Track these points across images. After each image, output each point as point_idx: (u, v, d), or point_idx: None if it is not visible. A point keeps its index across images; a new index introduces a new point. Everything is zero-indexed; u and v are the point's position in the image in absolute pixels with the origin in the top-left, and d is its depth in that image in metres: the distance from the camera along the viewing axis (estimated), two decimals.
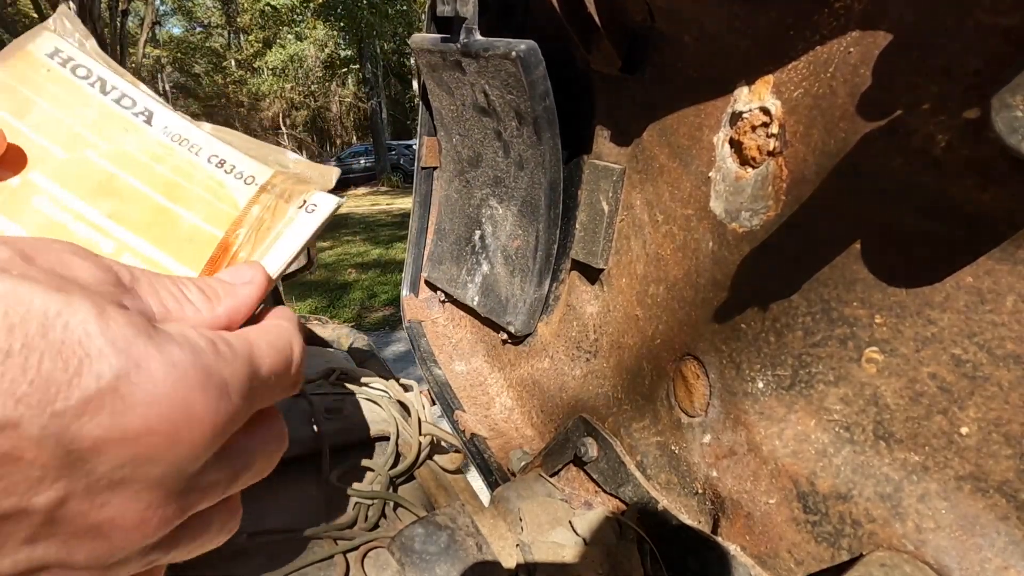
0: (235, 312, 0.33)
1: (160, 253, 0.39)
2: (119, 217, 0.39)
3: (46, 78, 0.42)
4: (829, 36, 0.44)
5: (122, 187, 0.40)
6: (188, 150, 0.42)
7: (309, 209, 0.41)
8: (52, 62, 0.42)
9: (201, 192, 0.41)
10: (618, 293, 0.70)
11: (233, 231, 0.40)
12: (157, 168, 0.41)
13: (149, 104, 0.43)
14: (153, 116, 0.43)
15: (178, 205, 0.40)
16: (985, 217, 0.37)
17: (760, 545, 0.51)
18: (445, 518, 0.62)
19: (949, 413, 0.41)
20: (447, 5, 0.72)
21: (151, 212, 0.40)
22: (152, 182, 0.41)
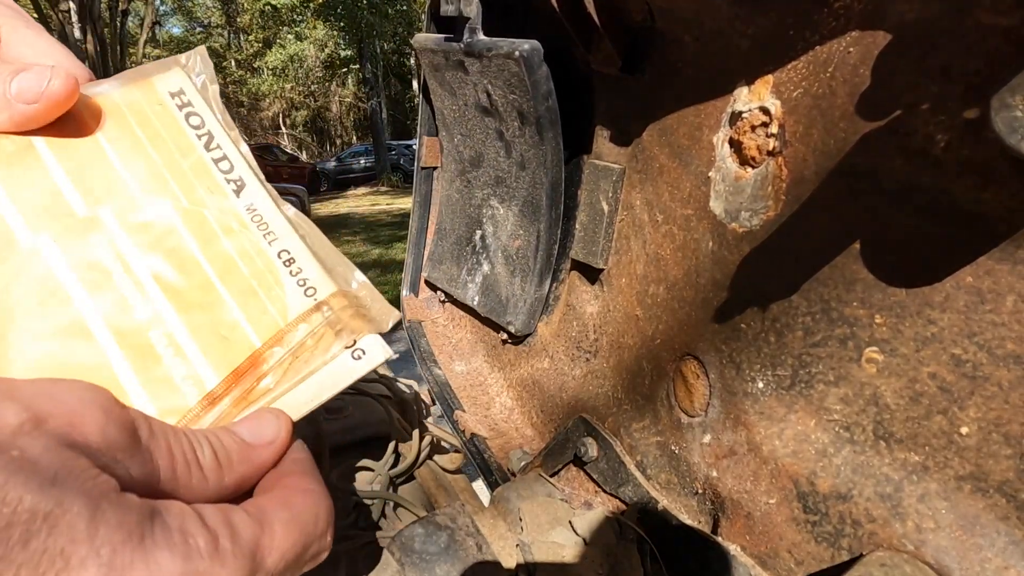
0: (246, 481, 0.31)
1: (191, 342, 0.34)
2: (165, 284, 0.35)
3: (155, 113, 0.38)
4: (829, 36, 0.44)
5: (181, 250, 0.36)
6: (263, 235, 0.38)
7: (356, 355, 0.36)
8: (170, 100, 0.39)
9: (255, 285, 0.37)
10: (618, 293, 0.70)
11: (270, 347, 0.36)
12: (224, 242, 0.37)
13: (244, 173, 0.39)
14: (244, 188, 0.39)
15: (227, 291, 0.36)
16: (985, 217, 0.37)
17: (760, 545, 0.51)
18: (445, 518, 0.62)
19: (949, 413, 0.41)
20: (451, 5, 0.72)
21: (199, 289, 0.36)
22: (212, 256, 0.37)
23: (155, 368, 0.33)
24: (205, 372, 0.34)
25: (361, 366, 0.36)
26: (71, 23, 12.01)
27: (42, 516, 0.21)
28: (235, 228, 0.38)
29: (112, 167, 0.36)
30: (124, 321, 0.33)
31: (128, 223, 0.35)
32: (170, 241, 0.36)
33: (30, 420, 0.23)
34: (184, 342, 0.34)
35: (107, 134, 0.36)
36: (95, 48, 11.90)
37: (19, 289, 0.32)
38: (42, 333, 0.32)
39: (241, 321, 0.36)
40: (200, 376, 0.34)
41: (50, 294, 0.33)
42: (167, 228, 0.36)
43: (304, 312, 0.37)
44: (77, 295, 0.33)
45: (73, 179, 0.35)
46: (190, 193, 0.37)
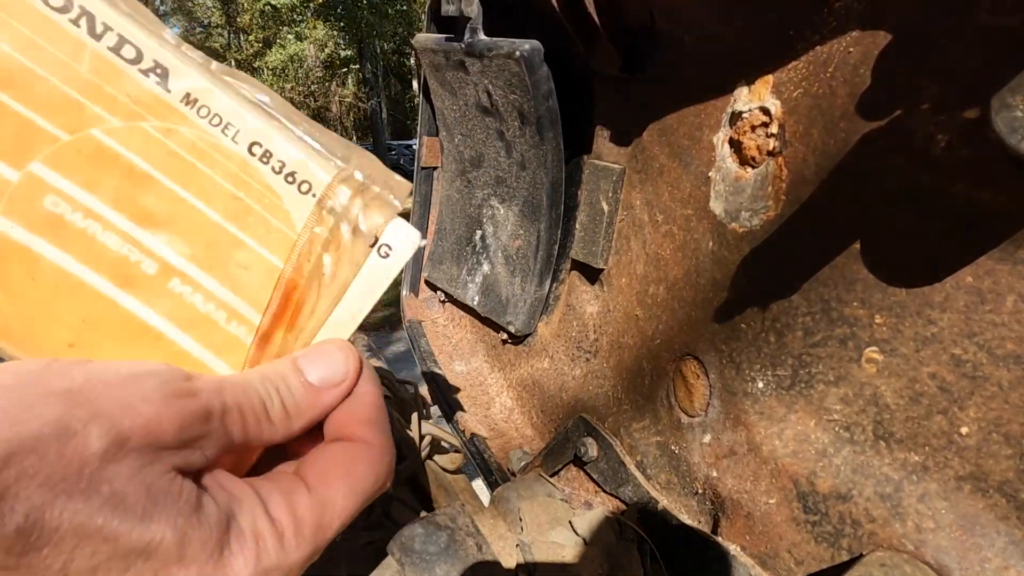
0: (314, 423, 0.32)
1: (218, 285, 0.31)
2: (156, 227, 0.30)
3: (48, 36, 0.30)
4: (829, 36, 0.44)
5: (152, 184, 0.30)
6: (223, 132, 0.31)
7: (383, 252, 0.33)
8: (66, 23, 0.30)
9: (243, 197, 0.32)
10: (618, 293, 0.70)
11: (298, 272, 0.32)
12: (188, 158, 0.31)
13: (159, 55, 0.30)
14: (168, 75, 0.31)
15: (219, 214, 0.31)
16: (985, 217, 0.37)
17: (760, 545, 0.51)
18: (445, 518, 0.62)
19: (949, 413, 0.41)
20: (452, 5, 0.72)
21: (194, 224, 0.31)
22: (185, 180, 0.31)
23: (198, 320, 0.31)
24: (243, 308, 0.32)
25: (393, 263, 0.34)
26: None
27: (137, 552, 0.23)
28: (187, 135, 0.31)
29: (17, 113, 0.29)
30: (132, 279, 0.30)
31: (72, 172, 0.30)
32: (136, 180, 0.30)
33: (114, 443, 0.24)
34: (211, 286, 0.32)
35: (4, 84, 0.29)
36: None
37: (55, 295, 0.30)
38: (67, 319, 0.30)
39: (256, 248, 0.32)
40: (241, 313, 0.32)
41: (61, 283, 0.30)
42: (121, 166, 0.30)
43: (311, 216, 0.32)
44: (68, 265, 0.30)
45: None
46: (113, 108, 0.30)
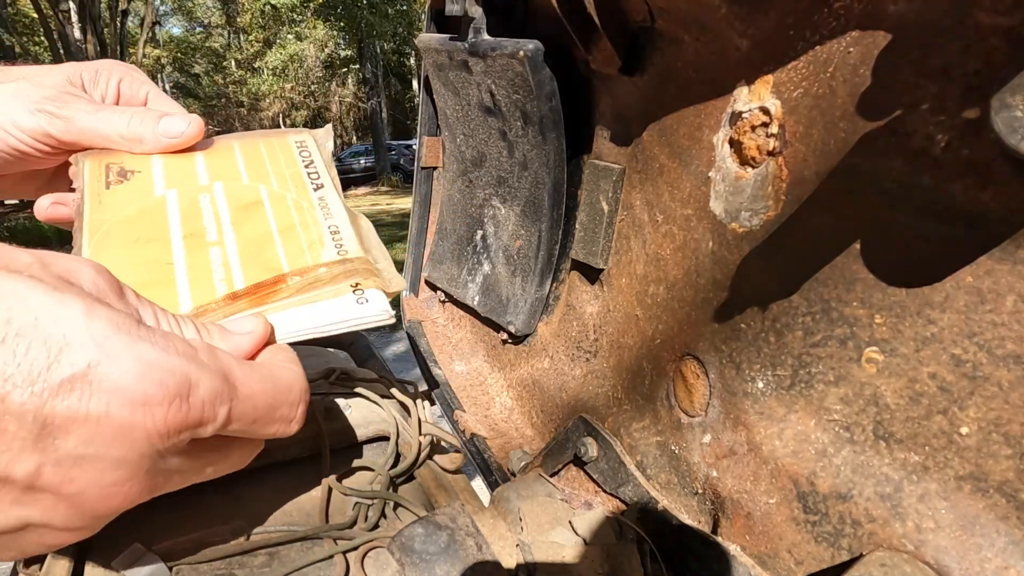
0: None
1: (237, 260, 0.45)
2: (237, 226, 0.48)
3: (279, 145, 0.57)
4: (829, 36, 0.44)
5: (258, 210, 0.50)
6: (323, 215, 0.51)
7: (360, 300, 0.44)
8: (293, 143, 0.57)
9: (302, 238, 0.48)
10: (618, 293, 0.70)
11: (294, 275, 0.45)
12: (291, 212, 0.50)
13: (327, 182, 0.54)
14: (322, 188, 0.53)
15: (280, 238, 0.48)
16: (985, 217, 0.37)
17: (760, 545, 0.51)
18: (445, 518, 0.62)
19: (949, 413, 0.41)
20: (456, 4, 0.72)
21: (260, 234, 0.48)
22: (279, 218, 0.50)
23: (203, 272, 0.43)
24: (237, 278, 0.44)
25: (362, 311, 0.44)
26: (71, 23, 12.00)
27: (48, 307, 0.27)
28: (303, 206, 0.51)
29: (235, 164, 0.53)
30: (196, 239, 0.46)
31: (229, 190, 0.50)
32: (253, 205, 0.50)
33: (38, 262, 0.29)
34: (232, 260, 0.45)
35: (242, 150, 0.55)
36: (95, 48, 11.89)
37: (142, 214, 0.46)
38: (141, 239, 0.45)
39: (280, 254, 0.46)
40: (232, 280, 0.44)
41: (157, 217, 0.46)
42: (254, 197, 0.51)
43: (331, 261, 0.47)
44: (173, 220, 0.46)
45: (208, 165, 0.51)
46: (282, 184, 0.53)
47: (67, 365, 0.27)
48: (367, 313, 0.43)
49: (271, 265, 0.45)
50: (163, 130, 0.49)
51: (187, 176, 0.50)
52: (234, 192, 0.50)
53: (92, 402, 0.27)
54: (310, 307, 0.43)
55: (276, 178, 0.53)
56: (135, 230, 0.45)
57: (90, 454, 0.28)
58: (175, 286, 0.42)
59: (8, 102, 0.44)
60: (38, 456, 0.27)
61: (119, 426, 0.28)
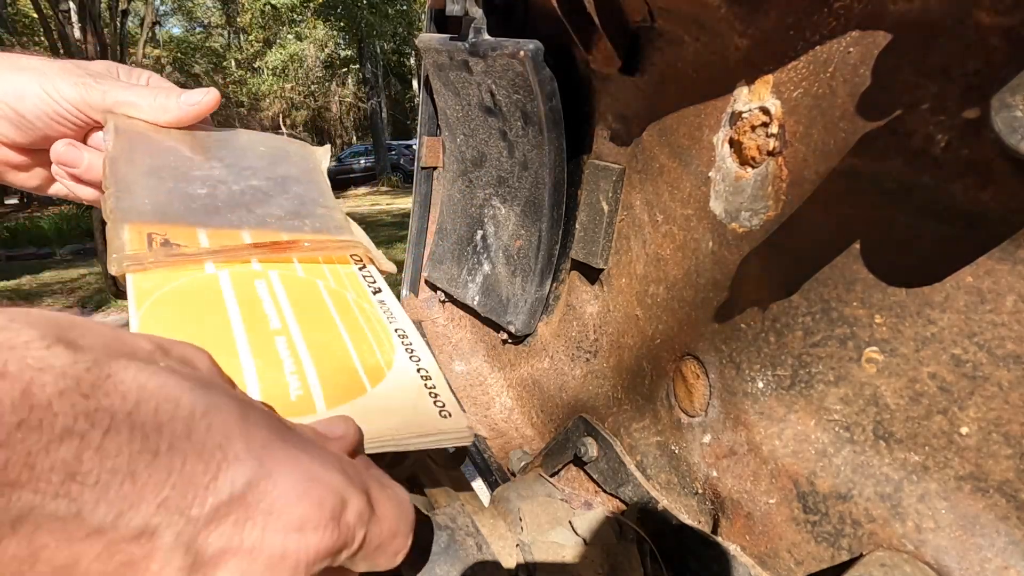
0: None
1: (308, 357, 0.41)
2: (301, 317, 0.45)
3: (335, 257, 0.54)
4: (829, 36, 0.44)
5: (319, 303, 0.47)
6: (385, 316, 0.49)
7: (443, 414, 0.42)
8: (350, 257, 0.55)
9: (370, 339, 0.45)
10: (618, 293, 0.70)
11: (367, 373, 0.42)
12: (354, 311, 0.48)
13: (384, 287, 0.52)
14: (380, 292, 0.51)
15: (348, 336, 0.45)
16: (985, 217, 0.37)
17: (760, 545, 0.51)
18: (445, 518, 0.62)
19: (949, 413, 0.41)
20: (456, 4, 0.72)
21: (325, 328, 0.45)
22: (343, 315, 0.47)
23: (272, 362, 0.40)
24: (310, 373, 0.40)
25: (445, 426, 0.39)
26: (71, 23, 11.99)
27: (200, 413, 0.23)
28: (365, 307, 0.49)
29: (289, 258, 0.50)
30: (257, 325, 0.42)
31: (286, 280, 0.48)
32: (314, 298, 0.47)
33: (159, 349, 0.26)
34: (301, 351, 0.41)
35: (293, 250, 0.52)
36: (95, 48, 11.89)
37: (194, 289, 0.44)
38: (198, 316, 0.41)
39: (352, 353, 0.43)
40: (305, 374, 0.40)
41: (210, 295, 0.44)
42: (314, 291, 0.48)
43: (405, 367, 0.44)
44: (229, 301, 0.43)
45: (258, 255, 0.49)
46: (338, 282, 0.50)
47: (225, 485, 0.23)
48: (449, 429, 0.39)
49: (345, 364, 0.42)
50: (184, 99, 0.53)
51: (238, 258, 0.48)
52: (291, 282, 0.47)
53: (248, 531, 0.23)
54: (391, 415, 0.38)
55: (331, 275, 0.50)
56: (189, 305, 0.42)
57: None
58: (242, 374, 0.38)
59: (56, 75, 0.50)
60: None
61: (271, 556, 0.24)
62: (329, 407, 0.38)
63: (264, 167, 0.57)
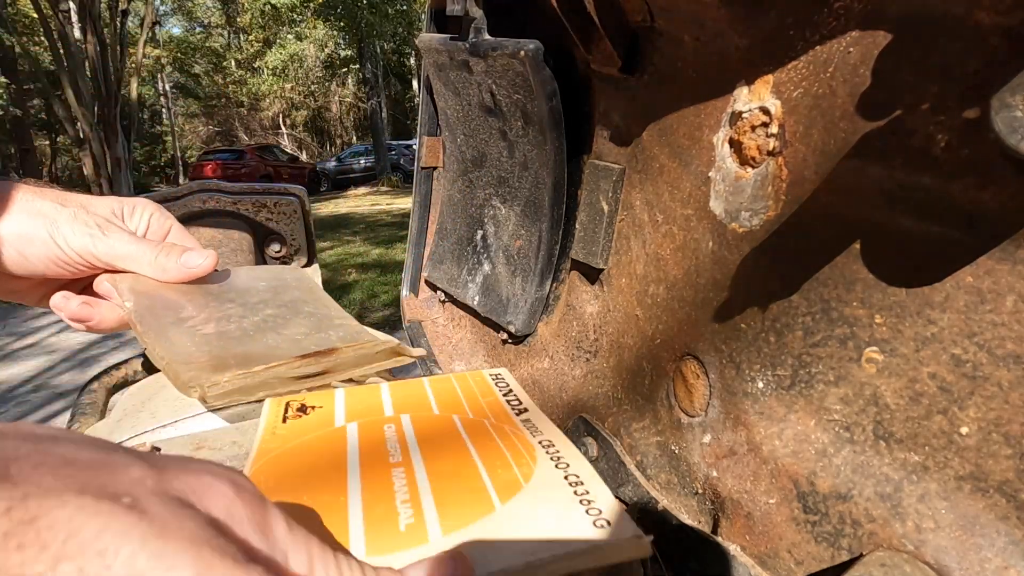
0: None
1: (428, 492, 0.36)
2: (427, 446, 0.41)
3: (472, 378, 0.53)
4: (829, 36, 0.44)
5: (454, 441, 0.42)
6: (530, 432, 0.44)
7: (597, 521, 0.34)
8: (489, 376, 0.53)
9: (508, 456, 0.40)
10: (618, 293, 0.70)
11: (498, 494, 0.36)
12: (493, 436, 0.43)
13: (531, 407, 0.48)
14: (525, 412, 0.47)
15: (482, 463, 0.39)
16: (985, 217, 0.37)
17: (760, 545, 0.51)
18: None
19: (949, 413, 0.41)
20: (457, 4, 0.72)
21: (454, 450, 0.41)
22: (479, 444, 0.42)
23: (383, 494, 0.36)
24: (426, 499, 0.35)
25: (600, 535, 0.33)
26: (71, 23, 12.00)
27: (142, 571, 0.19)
28: (505, 428, 0.44)
29: (424, 396, 0.49)
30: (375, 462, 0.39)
31: (417, 420, 0.45)
32: (445, 429, 0.44)
33: (152, 477, 0.21)
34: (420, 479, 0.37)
35: (431, 384, 0.51)
36: (95, 48, 11.89)
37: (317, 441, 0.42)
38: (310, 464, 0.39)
39: (483, 474, 0.38)
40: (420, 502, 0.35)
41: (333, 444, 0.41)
42: (447, 425, 0.45)
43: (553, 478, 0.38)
44: (351, 447, 0.41)
45: (394, 399, 0.48)
46: (477, 411, 0.47)
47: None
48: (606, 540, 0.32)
49: (471, 484, 0.37)
50: (184, 262, 0.56)
51: (371, 409, 0.47)
52: (423, 422, 0.45)
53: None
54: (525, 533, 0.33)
55: (471, 407, 0.48)
56: (307, 456, 0.40)
57: None
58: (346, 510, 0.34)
59: (66, 223, 0.52)
60: None
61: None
62: (446, 533, 0.33)
63: (271, 297, 0.59)
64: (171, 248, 0.57)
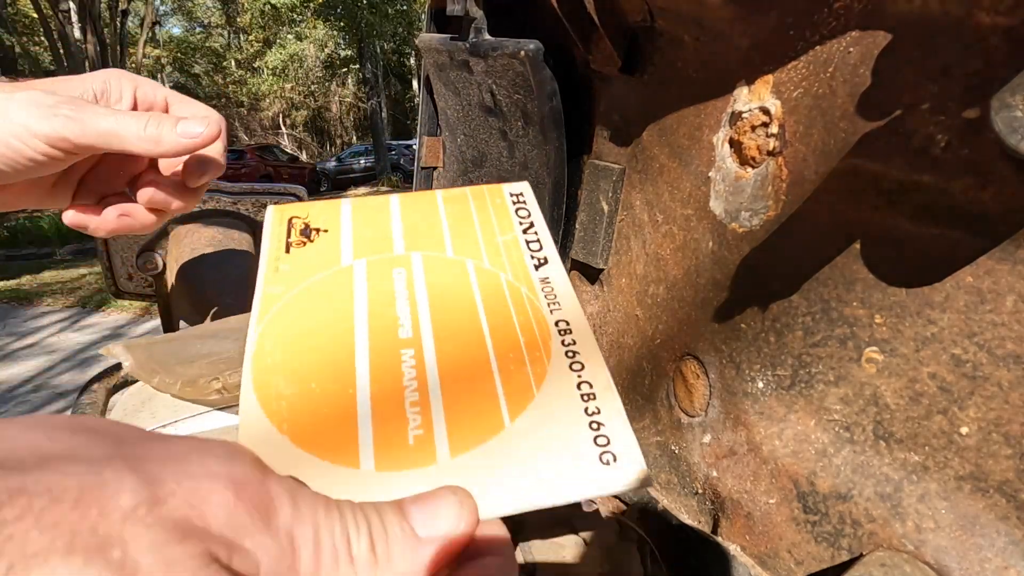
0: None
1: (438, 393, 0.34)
2: (437, 319, 0.38)
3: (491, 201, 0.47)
4: (829, 36, 0.44)
5: (465, 297, 0.40)
6: (547, 303, 0.40)
7: (605, 458, 0.32)
8: (508, 196, 0.48)
9: (525, 355, 0.37)
10: (618, 293, 0.70)
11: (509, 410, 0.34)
12: (508, 302, 0.40)
13: (551, 255, 0.44)
14: (545, 264, 0.43)
15: (496, 358, 0.36)
16: (985, 217, 0.37)
17: (760, 545, 0.51)
18: None
19: (949, 413, 0.41)
20: (457, 4, 0.72)
21: (467, 339, 0.37)
22: (490, 312, 0.39)
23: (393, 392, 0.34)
24: (436, 411, 0.33)
25: (607, 476, 0.30)
26: (71, 23, 12.00)
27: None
28: (522, 292, 0.41)
29: (439, 226, 0.45)
30: (385, 335, 0.37)
31: (429, 266, 0.42)
32: (459, 291, 0.40)
33: (146, 503, 0.20)
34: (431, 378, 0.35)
35: (446, 204, 0.46)
36: (95, 48, 11.90)
37: (323, 291, 0.40)
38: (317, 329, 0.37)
39: (495, 377, 0.35)
40: (431, 412, 0.33)
41: (340, 297, 0.39)
42: (461, 279, 0.41)
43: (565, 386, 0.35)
44: (359, 303, 0.39)
45: (405, 226, 0.44)
46: (494, 259, 0.43)
47: None
48: (615, 479, 0.30)
49: (482, 387, 0.35)
50: (182, 129, 0.47)
51: (381, 241, 0.43)
52: (435, 268, 0.42)
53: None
54: (528, 465, 0.31)
55: (487, 249, 0.44)
56: (313, 314, 0.38)
57: None
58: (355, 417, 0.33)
59: (22, 110, 0.43)
60: None
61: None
62: (454, 454, 0.31)
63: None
64: (163, 117, 0.48)
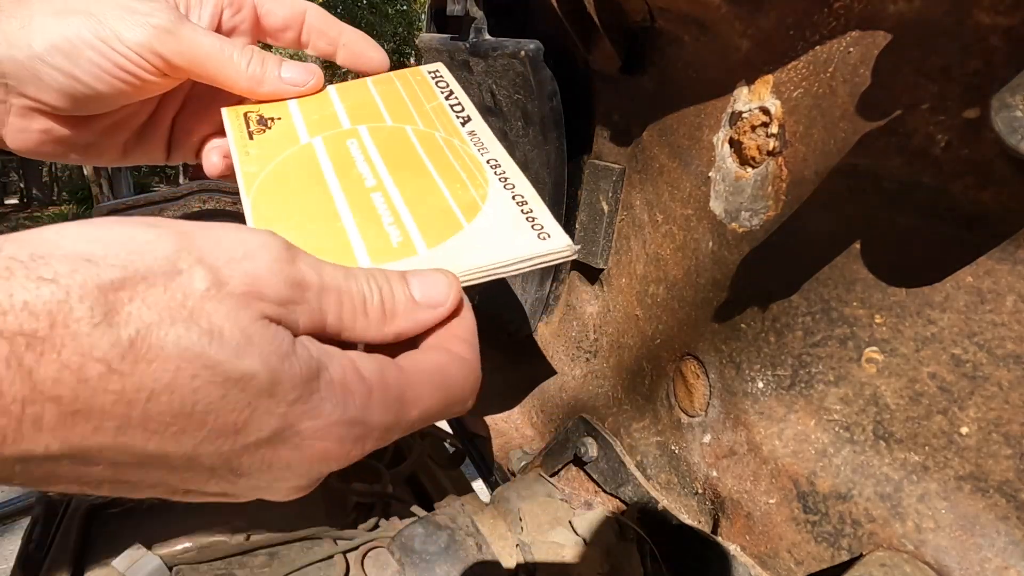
0: (404, 334, 0.34)
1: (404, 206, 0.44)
2: (392, 165, 0.47)
3: (413, 78, 0.56)
4: (829, 36, 0.44)
5: (409, 150, 0.49)
6: (477, 149, 0.50)
7: (541, 236, 0.42)
8: (427, 74, 0.56)
9: (463, 176, 0.47)
10: (618, 293, 0.70)
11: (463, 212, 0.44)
12: (444, 149, 0.49)
13: (473, 114, 0.53)
14: (469, 121, 0.52)
15: (440, 176, 0.46)
16: (985, 217, 0.37)
17: (760, 545, 0.51)
18: (445, 518, 0.62)
19: (949, 413, 0.41)
20: (457, 4, 0.72)
21: (417, 173, 0.47)
22: (432, 156, 0.48)
23: (372, 219, 0.43)
24: (408, 222, 0.42)
25: (546, 247, 0.41)
26: None
27: (233, 381, 0.25)
28: (455, 144, 0.50)
29: (375, 104, 0.52)
30: (354, 186, 0.45)
31: (375, 134, 0.49)
32: (403, 147, 0.49)
33: (214, 285, 0.26)
34: (398, 203, 0.44)
35: (377, 88, 0.54)
36: None
37: (293, 163, 0.46)
38: (299, 189, 0.44)
39: (446, 195, 0.45)
40: (403, 223, 0.42)
41: (308, 166, 0.46)
42: (403, 139, 0.49)
43: (504, 199, 0.45)
44: (326, 168, 0.46)
45: (347, 108, 0.51)
46: (427, 121, 0.51)
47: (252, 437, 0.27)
48: (551, 248, 0.41)
49: (440, 205, 0.44)
50: (287, 76, 0.47)
51: (328, 121, 0.50)
52: (380, 135, 0.49)
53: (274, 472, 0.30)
54: (489, 245, 0.41)
55: (420, 116, 0.52)
56: (290, 181, 0.45)
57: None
58: (347, 236, 0.41)
59: (111, 12, 0.38)
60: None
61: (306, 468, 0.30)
62: (430, 246, 0.41)
63: None
64: (266, 56, 0.46)
